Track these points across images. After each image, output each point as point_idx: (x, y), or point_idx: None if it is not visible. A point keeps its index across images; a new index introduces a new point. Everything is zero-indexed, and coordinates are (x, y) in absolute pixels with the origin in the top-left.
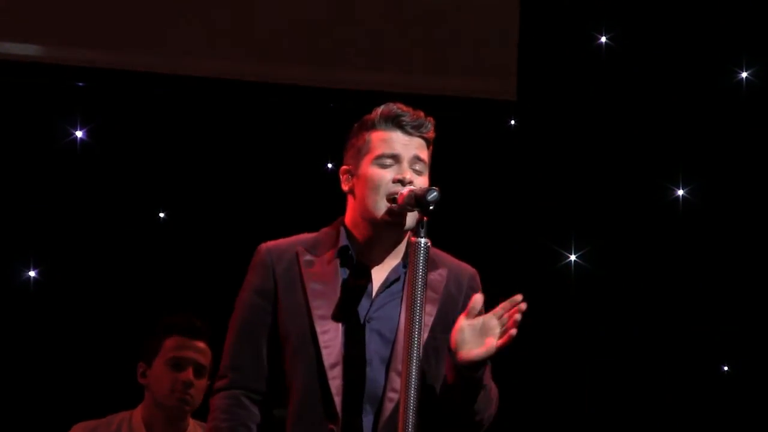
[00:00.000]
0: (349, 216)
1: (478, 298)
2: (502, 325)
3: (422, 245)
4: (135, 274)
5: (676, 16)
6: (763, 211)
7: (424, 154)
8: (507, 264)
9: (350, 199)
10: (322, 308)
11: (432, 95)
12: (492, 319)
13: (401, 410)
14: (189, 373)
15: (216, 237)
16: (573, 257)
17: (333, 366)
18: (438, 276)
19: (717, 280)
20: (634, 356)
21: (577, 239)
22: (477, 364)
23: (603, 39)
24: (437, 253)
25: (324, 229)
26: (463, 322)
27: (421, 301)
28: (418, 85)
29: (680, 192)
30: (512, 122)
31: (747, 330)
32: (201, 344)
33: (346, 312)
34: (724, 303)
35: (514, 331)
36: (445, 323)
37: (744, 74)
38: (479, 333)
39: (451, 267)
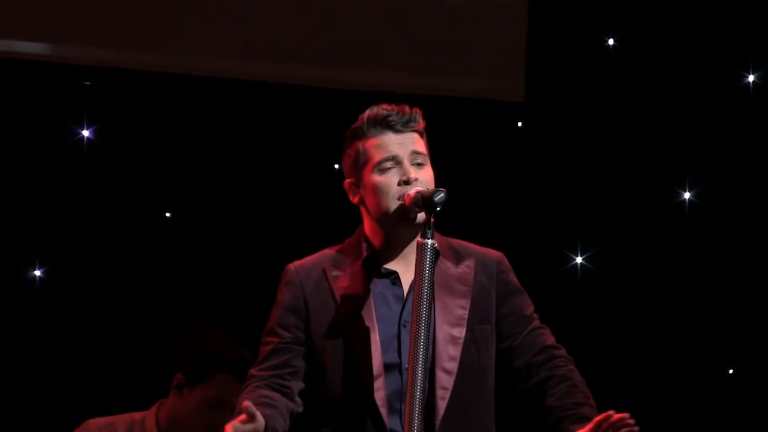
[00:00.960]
0: (367, 225)
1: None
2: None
3: (429, 246)
4: (141, 274)
5: (684, 18)
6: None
7: (421, 146)
8: (513, 266)
9: (363, 210)
10: (357, 321)
11: (440, 96)
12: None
13: (407, 411)
14: (226, 415)
15: (222, 236)
16: (579, 259)
17: (377, 377)
18: (466, 268)
19: (723, 282)
20: (640, 358)
21: (584, 241)
22: None
23: (611, 41)
24: (461, 244)
25: (347, 241)
26: None
27: (428, 302)
28: (426, 86)
29: (687, 195)
30: (520, 124)
31: (753, 333)
32: None
33: (382, 320)
34: (730, 306)
35: None
36: (480, 315)
37: (751, 77)
38: None
39: (477, 255)
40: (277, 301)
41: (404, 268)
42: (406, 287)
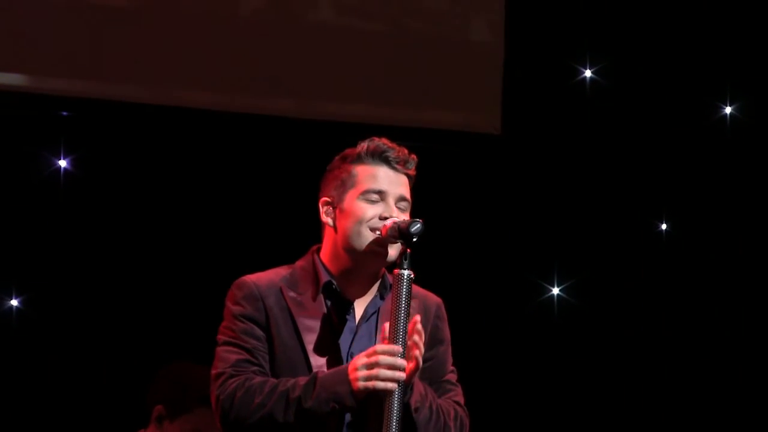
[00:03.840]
0: (327, 247)
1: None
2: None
3: (405, 277)
4: (118, 305)
5: (661, 50)
6: (745, 244)
7: (408, 193)
8: (490, 297)
9: (329, 231)
10: (312, 343)
11: (416, 128)
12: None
13: None
14: None
15: (199, 268)
16: (556, 290)
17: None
18: (417, 306)
19: (700, 313)
20: (618, 390)
21: (560, 272)
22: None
23: (587, 73)
24: None
25: (298, 263)
26: None
27: (404, 332)
28: (402, 118)
29: (663, 226)
30: (496, 156)
31: (732, 366)
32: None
33: (332, 346)
34: (708, 336)
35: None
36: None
37: (728, 109)
38: None
39: (421, 297)
40: (234, 312)
41: (358, 299)
42: (357, 318)
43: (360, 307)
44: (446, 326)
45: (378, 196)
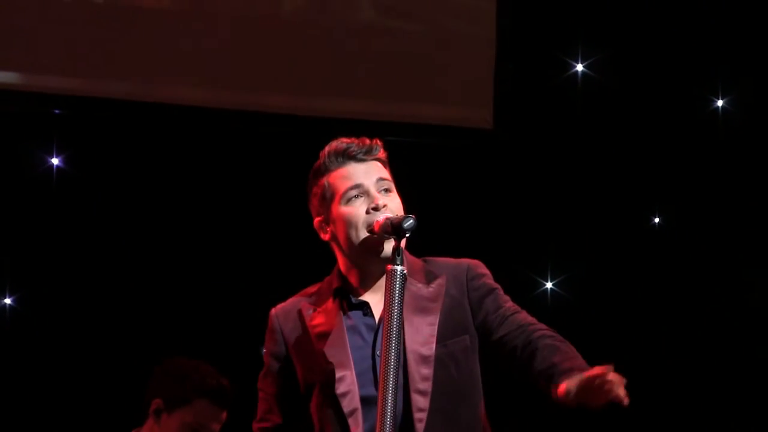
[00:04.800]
0: (340, 261)
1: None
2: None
3: (398, 273)
4: (111, 303)
5: (652, 44)
6: (738, 238)
7: (386, 173)
8: None
9: (335, 246)
10: (334, 356)
11: (408, 123)
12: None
13: None
14: None
15: (193, 265)
16: (549, 285)
17: (352, 413)
18: (437, 286)
19: (694, 307)
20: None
21: (554, 267)
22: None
23: (579, 67)
24: (435, 261)
25: (325, 279)
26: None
27: (397, 327)
28: (394, 113)
29: (656, 220)
30: (489, 150)
31: (725, 360)
32: (224, 414)
33: (356, 352)
34: (701, 329)
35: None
36: (455, 327)
37: (720, 102)
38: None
39: (448, 270)
40: (265, 349)
41: (378, 298)
42: (377, 317)
43: (379, 307)
44: (485, 279)
45: (358, 190)
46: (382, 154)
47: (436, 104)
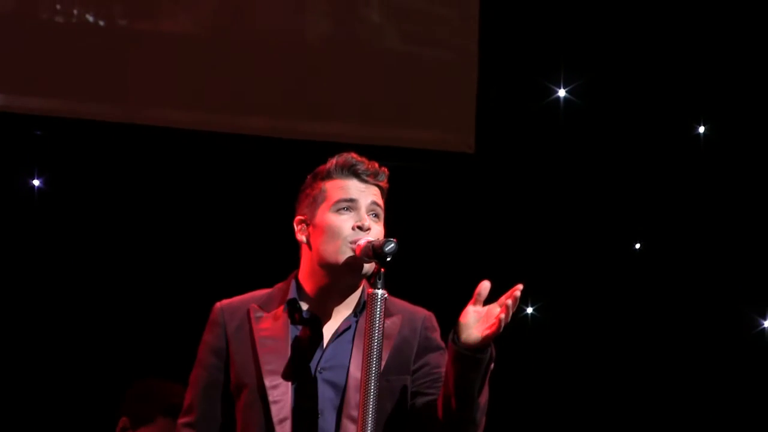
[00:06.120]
0: (304, 267)
1: (485, 285)
2: None
3: (379, 297)
4: (93, 323)
5: (634, 69)
6: (720, 264)
7: (380, 200)
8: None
9: (305, 249)
10: (272, 363)
11: (390, 146)
12: (495, 308)
13: None
14: None
15: (173, 286)
16: (529, 310)
17: (282, 421)
18: (391, 324)
19: (674, 333)
20: (591, 409)
21: (534, 292)
22: (479, 347)
23: (561, 92)
24: (392, 300)
25: (278, 285)
26: (469, 308)
27: (378, 352)
28: (376, 137)
29: (637, 245)
30: (470, 174)
31: (706, 382)
32: None
33: (297, 365)
34: (682, 355)
35: (502, 316)
36: (400, 365)
37: (701, 128)
38: (483, 319)
39: (405, 312)
40: (202, 338)
41: (329, 316)
42: (327, 334)
43: (333, 323)
44: (436, 335)
45: (349, 205)
46: (384, 182)
47: (418, 128)
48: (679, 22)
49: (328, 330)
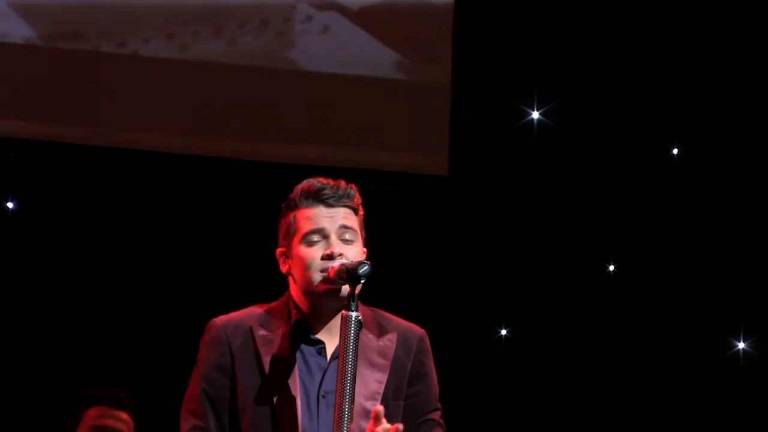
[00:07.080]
0: (294, 294)
1: (380, 410)
2: None
3: (353, 319)
4: (65, 347)
5: (607, 91)
6: (694, 287)
7: (352, 221)
8: (439, 339)
9: (291, 280)
10: (279, 384)
11: (364, 169)
12: None
13: None
14: None
15: (146, 311)
16: (504, 332)
17: None
18: (388, 342)
19: (649, 357)
20: (567, 430)
21: (508, 314)
22: None
23: (535, 114)
24: (386, 316)
25: (274, 304)
26: None
27: (352, 374)
28: (350, 159)
29: (611, 267)
30: (444, 197)
31: (680, 399)
32: (123, 415)
33: (303, 386)
34: (657, 379)
35: None
36: (396, 390)
37: (675, 150)
38: None
39: (400, 330)
40: (201, 356)
41: (329, 337)
42: (328, 357)
43: (331, 346)
44: (429, 359)
45: (318, 235)
46: (354, 201)
47: (391, 151)
48: (653, 44)
49: (329, 352)
